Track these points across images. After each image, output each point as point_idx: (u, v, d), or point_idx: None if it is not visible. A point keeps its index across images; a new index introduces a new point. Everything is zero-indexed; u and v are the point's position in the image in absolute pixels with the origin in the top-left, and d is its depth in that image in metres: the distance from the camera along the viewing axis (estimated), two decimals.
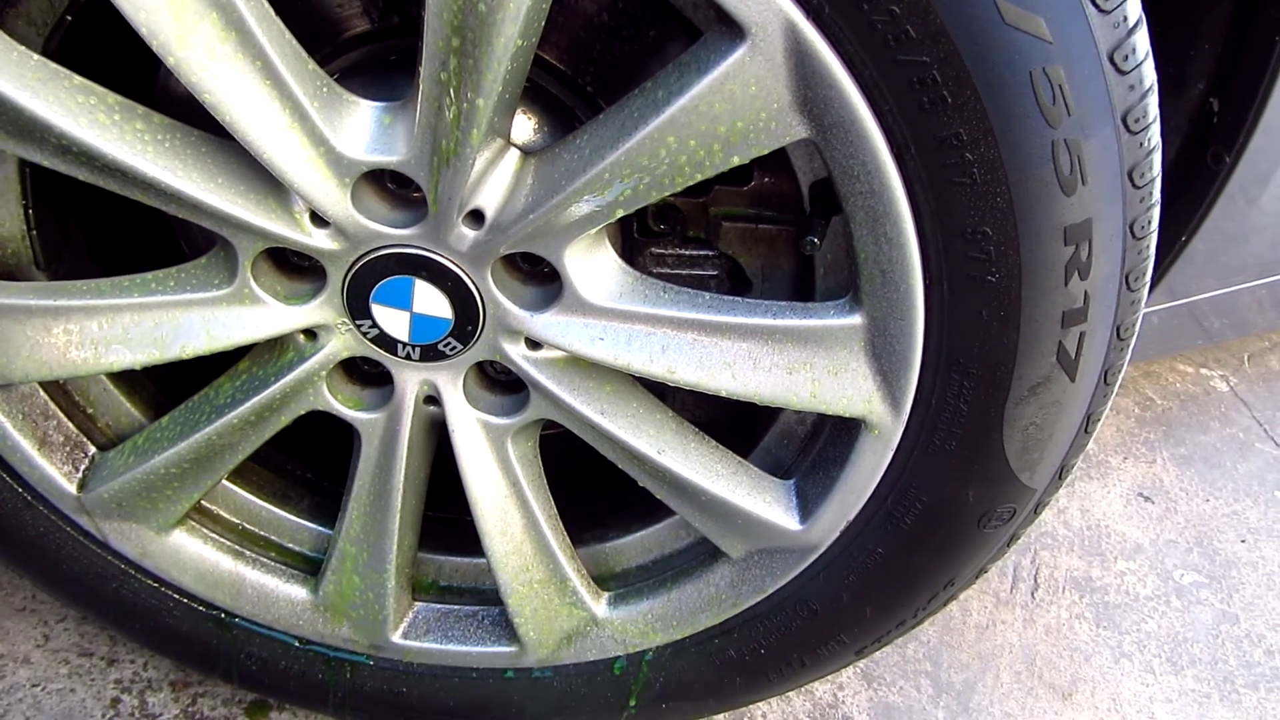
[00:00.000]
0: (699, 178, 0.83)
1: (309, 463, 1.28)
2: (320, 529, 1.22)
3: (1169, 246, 1.30)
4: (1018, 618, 1.66)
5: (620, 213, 0.86)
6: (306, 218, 0.90)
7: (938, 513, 1.00)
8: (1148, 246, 0.87)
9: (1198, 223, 1.27)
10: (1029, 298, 0.84)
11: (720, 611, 1.13)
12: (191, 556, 1.18)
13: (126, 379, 1.16)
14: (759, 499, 1.04)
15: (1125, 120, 0.78)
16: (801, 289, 1.06)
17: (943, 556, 1.04)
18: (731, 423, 1.14)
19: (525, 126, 0.98)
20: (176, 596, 1.21)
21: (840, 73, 0.76)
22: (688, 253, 1.07)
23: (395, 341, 0.97)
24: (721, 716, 1.43)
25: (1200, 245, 1.30)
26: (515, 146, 0.87)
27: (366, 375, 1.06)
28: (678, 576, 1.15)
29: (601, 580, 1.18)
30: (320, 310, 0.97)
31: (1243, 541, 1.85)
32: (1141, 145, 0.80)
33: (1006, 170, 0.77)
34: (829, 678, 1.51)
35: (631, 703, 1.21)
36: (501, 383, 1.05)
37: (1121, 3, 0.75)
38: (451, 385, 1.01)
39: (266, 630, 1.22)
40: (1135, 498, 1.92)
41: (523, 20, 0.76)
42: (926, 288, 0.86)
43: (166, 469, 1.08)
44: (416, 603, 1.22)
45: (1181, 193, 1.25)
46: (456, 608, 1.22)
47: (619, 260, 0.94)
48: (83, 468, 1.13)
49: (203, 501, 1.19)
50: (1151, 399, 2.17)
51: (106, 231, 1.15)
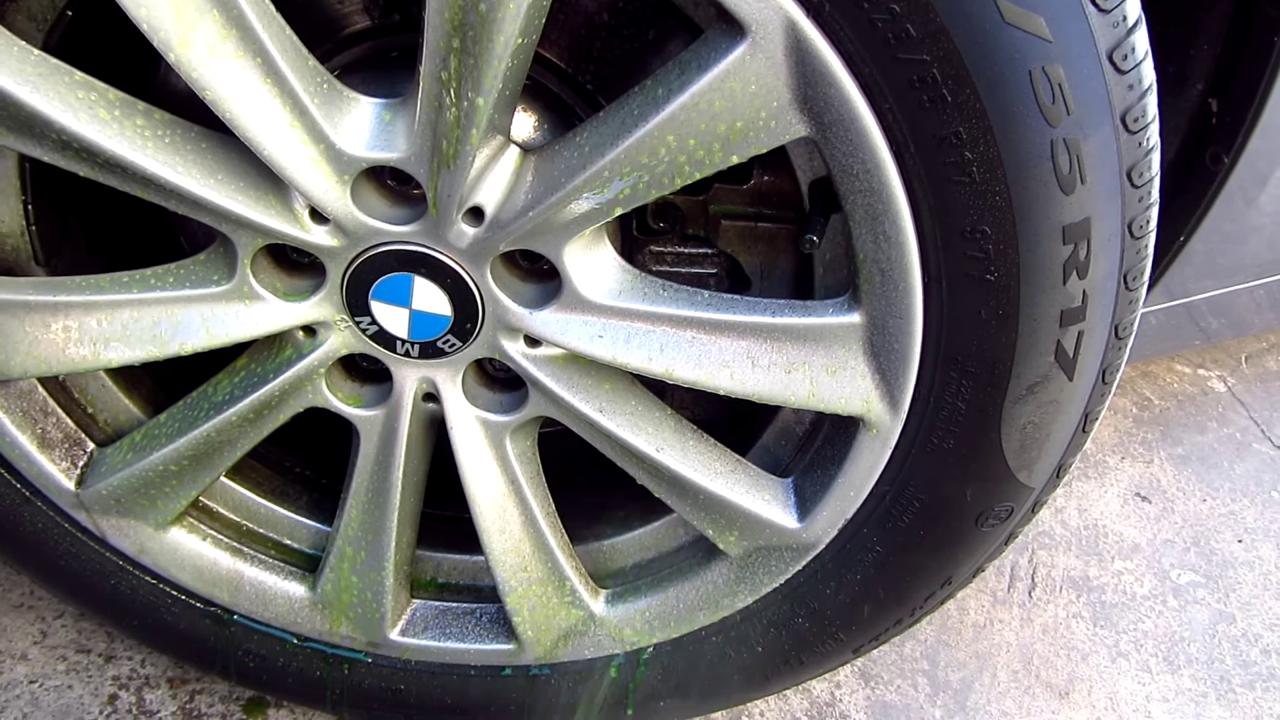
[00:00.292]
0: (699, 176, 0.83)
1: (308, 460, 1.28)
2: (319, 526, 1.22)
3: (1167, 246, 1.30)
4: (1015, 617, 1.66)
5: (619, 210, 0.86)
6: (306, 214, 0.90)
7: (935, 511, 1.00)
8: (1146, 246, 0.87)
9: (1196, 223, 1.27)
10: (1027, 296, 0.84)
11: (718, 610, 1.13)
12: (190, 553, 1.18)
13: (125, 375, 1.16)
14: (757, 497, 1.04)
15: (1124, 120, 0.78)
16: (801, 288, 1.06)
17: (940, 555, 1.04)
18: (730, 421, 1.14)
19: (526, 124, 0.98)
20: (174, 593, 1.21)
21: (840, 71, 0.76)
22: (687, 251, 1.07)
23: (394, 338, 0.97)
24: (719, 714, 1.43)
25: (1199, 246, 1.30)
26: (515, 144, 0.88)
27: (365, 372, 1.06)
28: (675, 575, 1.15)
29: (599, 578, 1.19)
30: (319, 307, 0.97)
31: (1240, 541, 1.85)
32: (1140, 145, 0.81)
33: (1005, 169, 0.78)
34: (826, 676, 1.51)
35: (629, 701, 1.21)
36: (500, 380, 1.05)
37: (1121, 2, 0.75)
38: (450, 382, 1.01)
39: (264, 627, 1.22)
40: (1132, 497, 1.92)
41: (523, 18, 0.76)
42: (925, 286, 0.86)
43: (165, 465, 1.08)
44: (414, 600, 1.21)
45: (1180, 193, 1.25)
46: (454, 605, 1.22)
47: (618, 258, 0.94)
48: (81, 464, 1.13)
49: (201, 498, 1.19)
50: (1149, 399, 2.17)
51: (106, 228, 1.15)
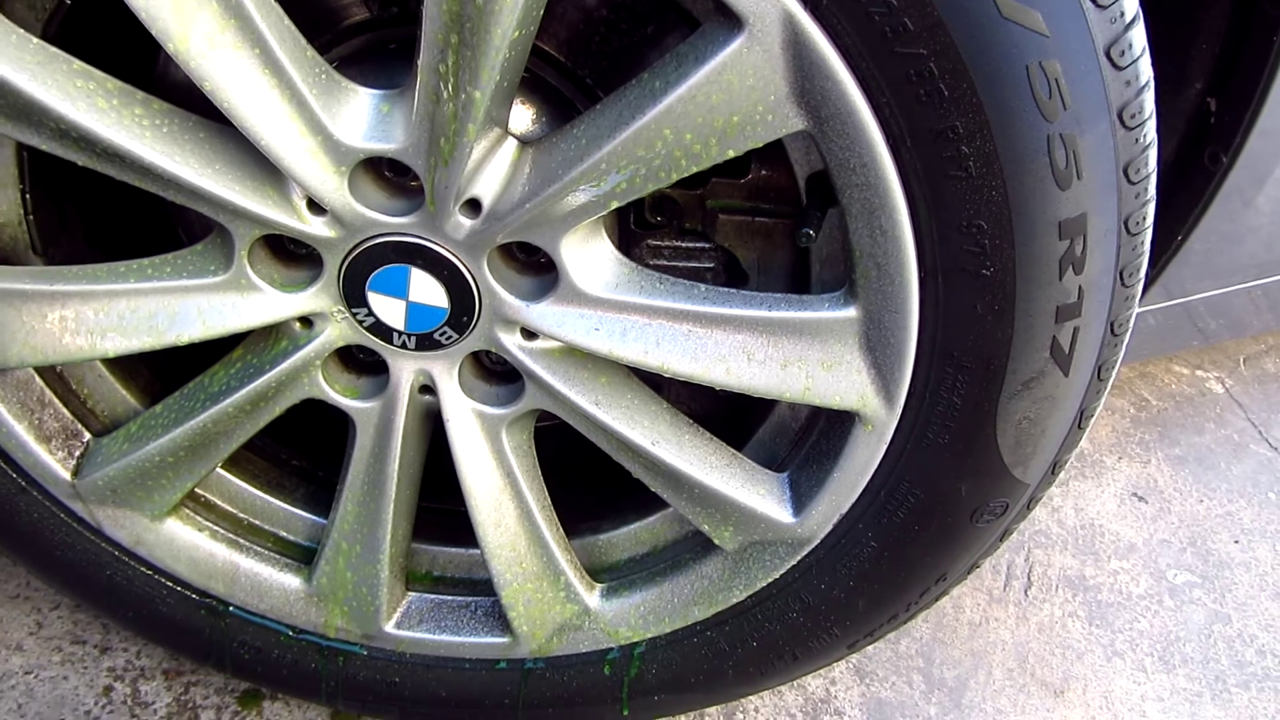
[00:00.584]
0: (695, 169, 0.83)
1: (304, 452, 1.29)
2: (315, 518, 1.22)
3: (1165, 246, 1.30)
4: (1011, 615, 1.66)
5: (616, 204, 0.86)
6: (304, 205, 0.90)
7: (930, 507, 1.00)
8: (1142, 243, 0.87)
9: (1194, 222, 1.27)
10: (1023, 292, 0.84)
11: (712, 604, 1.13)
12: (185, 544, 1.18)
13: (122, 366, 1.16)
14: (752, 491, 1.04)
15: (1121, 116, 0.78)
16: (798, 283, 1.06)
17: (935, 550, 1.04)
18: (726, 416, 1.14)
19: (524, 117, 0.98)
20: (170, 584, 1.21)
21: (837, 65, 0.76)
22: (684, 245, 1.07)
23: (391, 330, 0.97)
24: (714, 709, 1.43)
25: (1197, 245, 1.30)
26: (513, 136, 0.88)
27: (362, 364, 1.06)
28: (671, 569, 1.16)
29: (595, 572, 1.19)
30: (316, 298, 0.97)
31: (1236, 542, 1.85)
32: (1137, 141, 0.81)
33: (1002, 164, 0.78)
34: (821, 672, 1.51)
35: (623, 695, 1.21)
36: (497, 373, 1.05)
37: None
38: (447, 375, 1.01)
39: (260, 619, 1.22)
40: (1129, 497, 1.92)
41: (520, 10, 0.76)
42: (921, 281, 0.86)
43: (161, 456, 1.08)
44: (410, 593, 1.22)
45: (1178, 192, 1.25)
46: (450, 598, 1.22)
47: (615, 251, 0.94)
48: (78, 454, 1.13)
49: (197, 490, 1.19)
50: (1147, 400, 2.17)
51: (104, 218, 1.15)
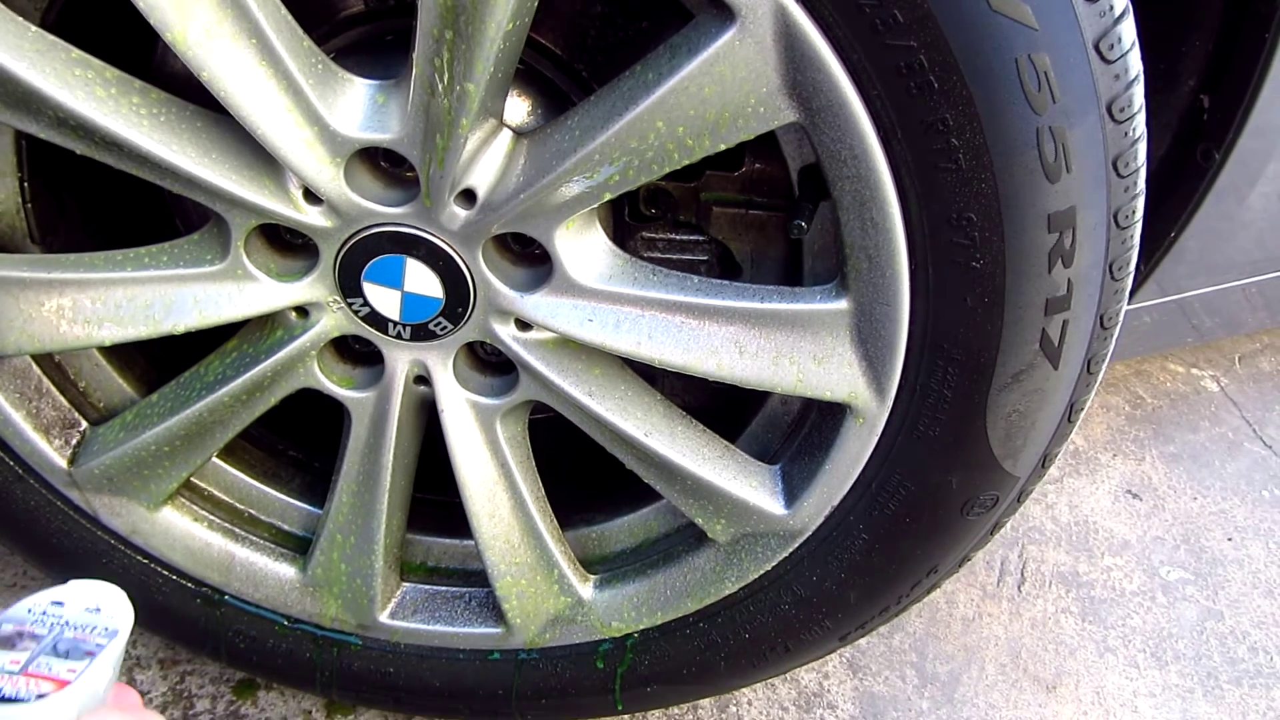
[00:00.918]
0: (688, 161, 0.84)
1: (300, 443, 1.29)
2: (310, 508, 1.23)
3: (1159, 242, 1.31)
4: (1004, 611, 1.67)
5: (609, 195, 0.86)
6: (300, 194, 0.90)
7: (921, 499, 1.01)
8: (1132, 236, 0.88)
9: (1187, 219, 1.28)
10: (1013, 284, 0.85)
11: (705, 596, 1.14)
12: (181, 534, 1.18)
13: (119, 355, 1.16)
14: (745, 483, 1.04)
15: (1110, 109, 0.79)
16: (791, 275, 1.06)
17: (926, 543, 1.05)
18: (720, 408, 1.15)
19: (520, 109, 0.98)
20: (166, 573, 1.21)
21: (829, 56, 0.76)
22: (678, 237, 1.08)
23: (386, 320, 0.98)
24: (707, 702, 1.44)
25: (1190, 242, 1.30)
26: (508, 127, 0.88)
27: (357, 354, 1.07)
28: (664, 561, 1.16)
29: (588, 564, 1.19)
30: (312, 288, 0.97)
31: (1229, 540, 1.86)
32: (1126, 134, 0.81)
33: (992, 156, 0.78)
34: (815, 666, 1.51)
35: (616, 686, 1.22)
36: (491, 364, 1.06)
37: None
38: (441, 365, 1.02)
39: (255, 608, 1.23)
40: (1123, 494, 1.93)
41: (514, 1, 0.77)
42: (912, 273, 0.86)
43: (157, 445, 1.08)
44: (404, 583, 1.22)
45: (1171, 189, 1.26)
46: (444, 589, 1.22)
47: (609, 242, 0.94)
48: (74, 442, 1.13)
49: (194, 479, 1.19)
50: (1142, 397, 2.18)
51: (102, 207, 1.16)
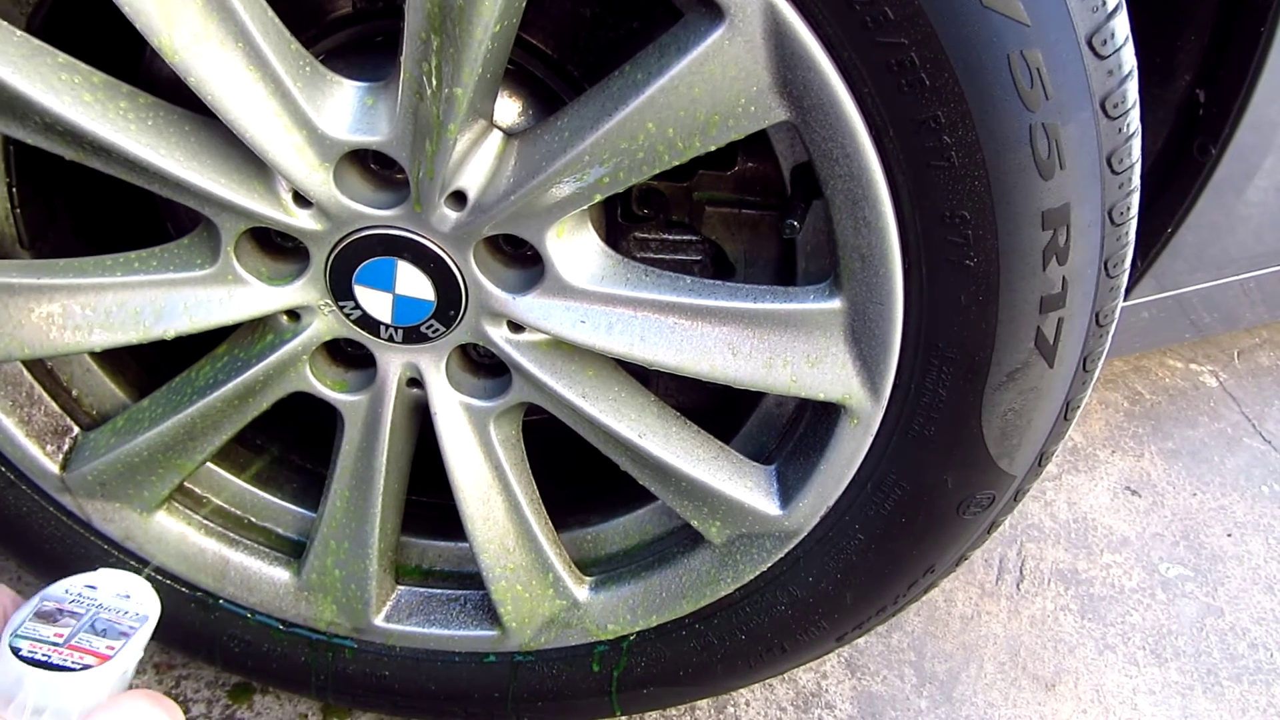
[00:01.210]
0: (679, 161, 0.83)
1: (294, 447, 1.29)
2: (304, 512, 1.22)
3: (1156, 238, 1.30)
4: (1003, 609, 1.66)
5: (599, 196, 0.86)
6: (290, 198, 0.90)
7: (917, 498, 1.00)
8: (1127, 233, 0.87)
9: (1184, 214, 1.27)
10: (1007, 282, 0.84)
11: (701, 597, 1.13)
12: (175, 538, 1.18)
13: (110, 360, 1.16)
14: (740, 484, 1.04)
15: (1104, 105, 0.78)
16: (784, 275, 1.06)
17: (922, 542, 1.04)
18: (714, 408, 1.14)
19: (511, 110, 0.98)
20: (159, 578, 1.21)
21: (819, 54, 0.76)
22: (671, 238, 1.07)
23: (378, 323, 0.98)
24: (704, 703, 1.44)
25: (1188, 237, 1.30)
26: (498, 128, 0.88)
27: (349, 357, 1.06)
28: (659, 563, 1.16)
29: (584, 565, 1.19)
30: (303, 291, 0.97)
31: (1229, 536, 1.85)
32: (1120, 131, 0.81)
33: (984, 154, 0.78)
34: (812, 666, 1.51)
35: (612, 688, 1.22)
36: (484, 366, 1.05)
37: None
38: (434, 368, 1.01)
39: (250, 613, 1.22)
40: (1122, 491, 1.92)
41: (502, 2, 0.76)
42: (905, 272, 0.86)
43: (150, 450, 1.08)
44: (399, 586, 1.22)
45: (1168, 184, 1.25)
46: (439, 592, 1.22)
47: (601, 243, 0.94)
48: (66, 448, 1.13)
49: (187, 484, 1.19)
50: (1141, 393, 2.17)
51: (91, 212, 1.15)
